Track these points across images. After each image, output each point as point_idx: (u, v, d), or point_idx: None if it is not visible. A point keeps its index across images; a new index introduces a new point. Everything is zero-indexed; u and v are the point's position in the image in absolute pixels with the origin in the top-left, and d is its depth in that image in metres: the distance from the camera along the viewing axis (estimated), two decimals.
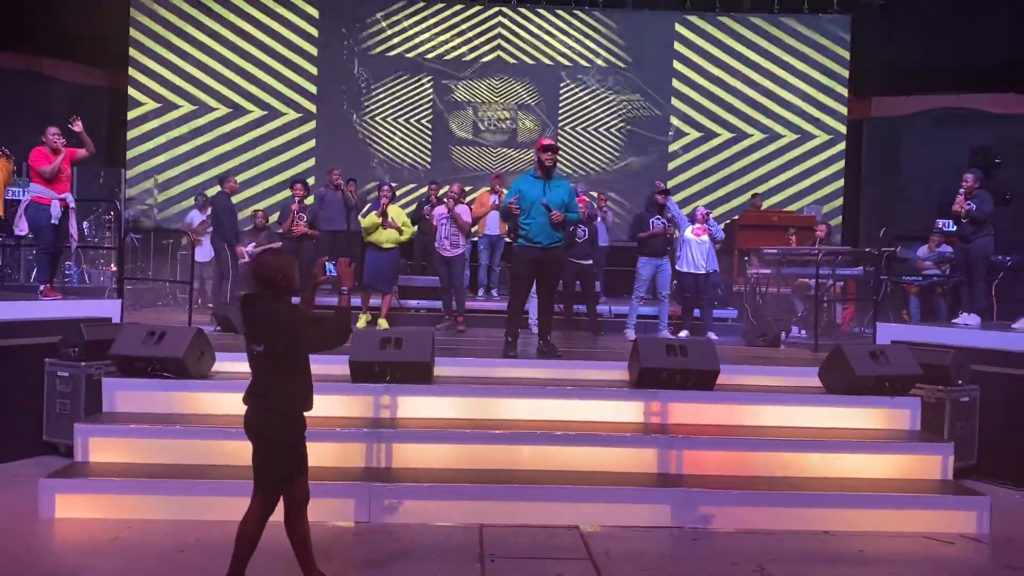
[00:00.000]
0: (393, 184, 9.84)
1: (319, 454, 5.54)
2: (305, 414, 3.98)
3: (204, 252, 10.83)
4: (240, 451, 5.52)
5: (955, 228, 8.77)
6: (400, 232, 8.78)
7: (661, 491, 5.37)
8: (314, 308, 4.26)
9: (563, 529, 5.11)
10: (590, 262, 9.72)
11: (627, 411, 6.12)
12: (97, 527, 4.91)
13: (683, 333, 9.06)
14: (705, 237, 9.24)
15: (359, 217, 9.14)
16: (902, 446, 5.90)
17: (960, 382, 6.68)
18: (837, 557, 4.89)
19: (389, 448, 5.66)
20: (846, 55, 14.11)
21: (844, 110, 14.14)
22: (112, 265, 10.65)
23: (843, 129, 14.14)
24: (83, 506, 5.11)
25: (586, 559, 4.66)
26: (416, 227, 10.31)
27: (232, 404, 5.94)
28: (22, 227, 7.87)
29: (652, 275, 8.92)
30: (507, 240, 10.20)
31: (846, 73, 14.12)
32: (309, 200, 10.54)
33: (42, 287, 7.69)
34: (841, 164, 14.13)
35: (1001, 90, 13.74)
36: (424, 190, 12.17)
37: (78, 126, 7.59)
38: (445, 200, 9.44)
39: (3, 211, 7.55)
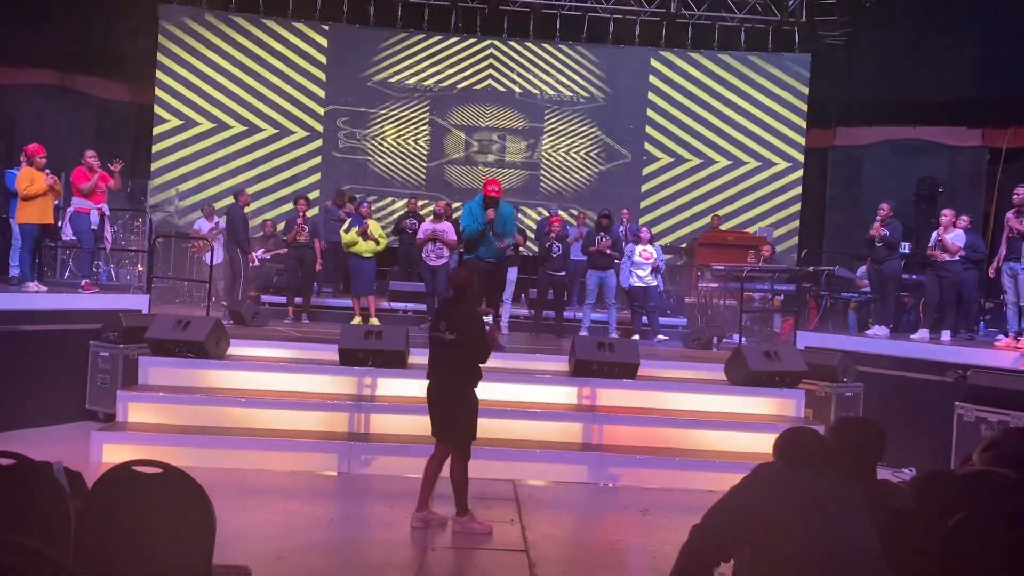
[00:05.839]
0: (371, 199, 11.25)
1: (313, 421, 7.02)
2: (308, 390, 5.48)
3: (215, 256, 12.18)
4: (248, 416, 6.97)
5: (869, 250, 10.06)
6: (377, 243, 10.22)
7: (581, 454, 6.76)
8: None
9: (501, 481, 6.48)
10: (563, 274, 11.09)
11: (563, 394, 7.50)
12: None
13: (634, 336, 10.42)
14: (651, 261, 10.68)
15: (341, 231, 10.55)
16: (783, 427, 7.22)
17: (845, 380, 8.03)
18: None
19: (368, 418, 7.04)
20: (805, 90, 15.45)
21: (802, 140, 15.47)
22: (139, 266, 12.03)
23: (801, 157, 15.47)
24: (124, 453, 6.45)
25: (512, 500, 6.05)
26: (398, 237, 11.67)
27: (242, 380, 7.44)
28: (67, 232, 9.37)
29: (598, 285, 10.32)
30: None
31: (805, 107, 15.45)
32: (311, 212, 11.89)
33: (83, 282, 9.13)
34: (799, 190, 15.45)
35: (953, 124, 15.01)
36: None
37: (117, 167, 9.41)
38: (432, 217, 10.84)
39: (53, 220, 9.04)
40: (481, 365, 5.37)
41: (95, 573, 2.48)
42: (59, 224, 9.85)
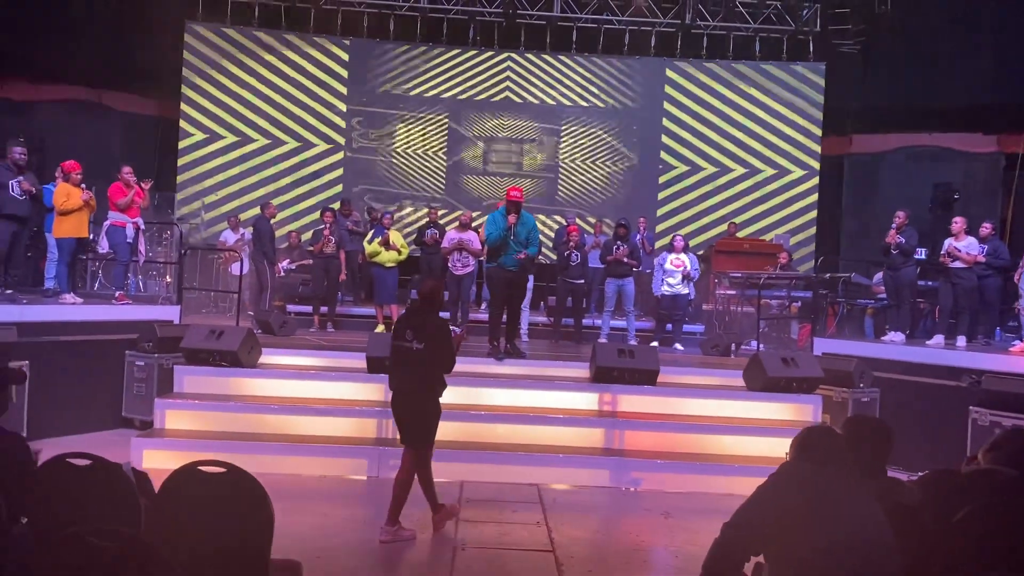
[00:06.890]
0: (392, 209, 11.50)
1: (342, 427, 7.24)
2: (338, 397, 5.65)
3: (243, 267, 12.44)
4: (280, 423, 7.22)
5: (885, 257, 10.20)
6: (399, 253, 10.49)
7: (603, 459, 6.96)
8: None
9: (525, 485, 6.69)
10: (582, 281, 11.31)
11: (584, 400, 7.71)
12: None
13: (653, 343, 10.60)
14: (681, 269, 10.86)
15: (364, 243, 10.81)
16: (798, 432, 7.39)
17: (861, 385, 8.18)
18: (729, 510, 6.38)
19: (395, 423, 7.24)
20: (820, 98, 15.59)
21: (818, 148, 15.61)
22: (167, 277, 12.33)
23: (817, 165, 15.61)
24: (162, 458, 6.72)
25: (537, 503, 6.25)
26: (419, 247, 11.96)
27: (274, 387, 7.68)
28: (103, 245, 9.68)
29: (616, 293, 10.53)
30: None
31: (820, 115, 15.59)
32: None
33: (117, 294, 9.43)
34: (814, 197, 15.57)
35: (968, 130, 15.10)
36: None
37: (147, 185, 9.79)
38: (457, 226, 11.11)
39: (88, 233, 9.35)
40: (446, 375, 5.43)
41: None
42: (92, 238, 10.16)
